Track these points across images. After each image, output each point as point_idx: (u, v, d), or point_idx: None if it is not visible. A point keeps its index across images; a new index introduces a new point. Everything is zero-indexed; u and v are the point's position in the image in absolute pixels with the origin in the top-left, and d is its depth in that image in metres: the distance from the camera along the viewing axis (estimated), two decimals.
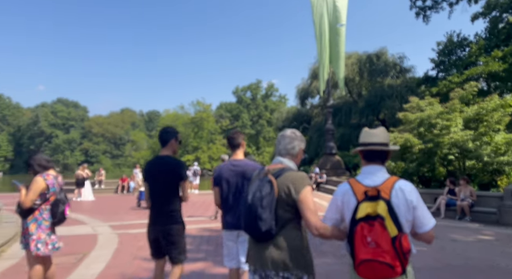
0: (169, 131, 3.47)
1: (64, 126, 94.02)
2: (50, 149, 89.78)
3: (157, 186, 3.32)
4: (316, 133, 29.17)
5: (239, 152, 3.46)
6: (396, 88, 26.53)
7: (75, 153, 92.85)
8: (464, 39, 22.48)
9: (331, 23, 23.57)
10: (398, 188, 1.84)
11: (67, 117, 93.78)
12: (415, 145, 12.94)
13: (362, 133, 2.16)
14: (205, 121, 54.19)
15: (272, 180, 2.02)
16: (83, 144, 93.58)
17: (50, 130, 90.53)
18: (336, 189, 2.08)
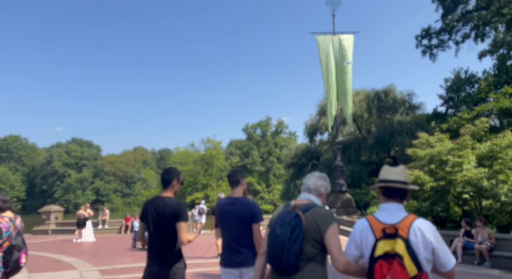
0: (171, 172, 3.49)
1: (77, 165, 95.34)
2: (62, 188, 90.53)
3: (155, 227, 3.27)
4: (325, 171, 28.51)
5: (238, 189, 3.51)
6: (405, 125, 26.24)
7: (87, 192, 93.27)
8: (472, 76, 22.41)
9: (337, 61, 24.02)
10: (417, 227, 1.87)
11: (80, 156, 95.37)
12: (426, 183, 12.39)
13: (382, 170, 2.24)
14: (214, 158, 54.21)
15: (300, 214, 2.07)
16: (95, 182, 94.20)
17: (63, 170, 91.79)
18: (354, 225, 2.13)
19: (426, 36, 28.70)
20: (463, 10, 26.80)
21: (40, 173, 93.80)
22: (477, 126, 14.00)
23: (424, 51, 28.84)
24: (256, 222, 3.35)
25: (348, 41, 24.72)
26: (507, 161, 12.15)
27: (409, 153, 14.00)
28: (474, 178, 11.64)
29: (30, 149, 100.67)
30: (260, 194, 55.57)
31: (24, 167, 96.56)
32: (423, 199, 13.04)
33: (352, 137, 30.14)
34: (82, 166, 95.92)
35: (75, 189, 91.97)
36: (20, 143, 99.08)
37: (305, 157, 32.12)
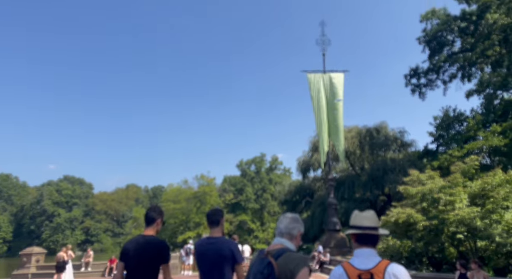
0: (156, 210, 3.50)
1: (68, 204, 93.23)
2: (51, 229, 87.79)
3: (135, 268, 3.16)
4: (319, 208, 28.17)
5: (218, 229, 3.48)
6: (398, 162, 26.27)
7: (76, 231, 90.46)
8: (460, 114, 22.83)
9: (328, 98, 24.48)
10: (391, 272, 1.94)
11: (71, 195, 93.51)
12: (419, 221, 12.08)
13: (353, 216, 2.34)
14: (208, 195, 53.28)
15: (272, 262, 2.07)
16: (85, 222, 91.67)
17: (52, 209, 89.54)
18: (331, 273, 2.17)
19: (414, 75, 29.55)
20: (449, 51, 27.89)
21: (28, 212, 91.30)
22: (468, 164, 13.95)
23: (413, 89, 29.55)
24: (238, 262, 3.28)
25: (339, 79, 25.37)
26: (499, 200, 11.95)
27: (400, 190, 13.80)
28: (467, 217, 11.38)
29: (21, 187, 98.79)
30: (254, 233, 54.09)
31: (13, 207, 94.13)
32: (417, 238, 12.65)
33: (345, 174, 29.99)
34: (73, 205, 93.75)
35: (64, 229, 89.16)
36: (10, 181, 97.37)
37: (298, 194, 31.71)
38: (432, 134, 23.43)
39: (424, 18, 28.73)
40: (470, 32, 26.49)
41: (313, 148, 30.37)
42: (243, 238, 54.55)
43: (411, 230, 12.56)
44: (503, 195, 11.99)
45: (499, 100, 21.34)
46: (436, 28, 27.61)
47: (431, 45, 28.28)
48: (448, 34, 27.69)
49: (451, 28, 27.02)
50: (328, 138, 23.98)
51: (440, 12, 27.95)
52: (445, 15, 27.53)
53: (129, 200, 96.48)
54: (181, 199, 55.06)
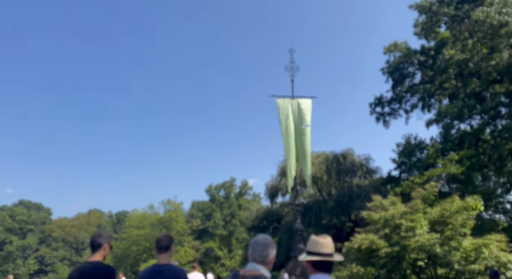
0: (102, 236, 3.47)
1: (22, 231, 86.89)
2: (1, 257, 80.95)
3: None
4: (286, 234, 27.78)
5: (166, 255, 3.40)
6: (364, 188, 26.66)
7: (29, 261, 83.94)
8: (421, 142, 23.74)
9: (296, 123, 24.76)
10: None
11: (26, 220, 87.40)
12: (381, 248, 12.04)
13: (311, 241, 2.36)
14: (174, 221, 51.32)
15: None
16: (40, 250, 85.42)
17: (4, 236, 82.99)
18: None
19: (379, 104, 30.70)
20: (410, 82, 29.36)
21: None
22: (428, 191, 14.28)
23: (377, 118, 30.60)
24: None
25: (307, 105, 25.81)
26: (457, 227, 12.20)
27: (364, 215, 13.83)
28: (427, 243, 11.48)
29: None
30: (221, 260, 52.31)
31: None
32: (379, 265, 12.56)
33: (313, 199, 30.01)
34: (28, 231, 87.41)
35: (15, 257, 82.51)
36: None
37: (266, 219, 31.24)
38: (395, 161, 24.13)
39: (388, 50, 30.27)
40: (429, 65, 28.13)
41: (282, 172, 30.32)
42: (209, 266, 52.60)
43: (374, 257, 12.48)
44: (460, 221, 12.26)
45: (456, 130, 22.44)
46: (398, 60, 29.12)
47: (394, 76, 29.69)
48: (409, 66, 29.25)
49: (412, 61, 28.60)
50: (295, 163, 24.04)
51: (402, 46, 29.59)
52: (406, 48, 29.16)
53: (90, 226, 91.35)
54: (146, 225, 52.70)
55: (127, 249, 54.53)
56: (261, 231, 31.98)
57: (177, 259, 48.87)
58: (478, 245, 11.75)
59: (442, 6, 24.16)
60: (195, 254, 51.62)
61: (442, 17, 25.35)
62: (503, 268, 11.59)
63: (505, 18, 16.66)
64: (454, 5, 23.89)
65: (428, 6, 24.32)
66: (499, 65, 18.44)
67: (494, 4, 17.67)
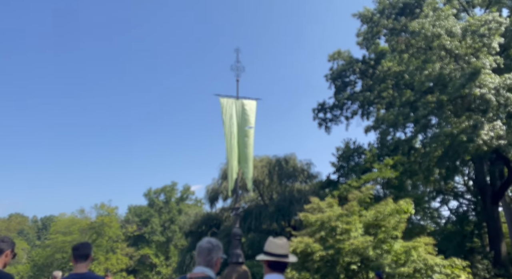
0: (4, 241, 3.36)
1: None
2: None
3: None
4: (225, 239, 26.75)
5: (85, 264, 3.39)
6: (304, 193, 26.69)
7: None
8: (359, 147, 24.30)
9: (239, 124, 24.07)
10: None
11: None
12: (315, 251, 11.59)
13: (268, 242, 2.61)
14: (107, 226, 47.76)
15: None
16: None
17: None
18: None
19: (321, 110, 31.19)
20: (351, 90, 30.22)
21: None
22: (364, 193, 14.25)
23: (320, 123, 31.03)
24: None
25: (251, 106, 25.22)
26: (390, 229, 12.18)
27: (300, 217, 13.34)
28: (361, 246, 11.24)
29: None
30: (157, 268, 49.58)
31: None
32: (314, 270, 12.09)
33: (254, 204, 29.45)
34: None
35: None
36: None
37: (205, 224, 29.98)
38: (334, 164, 24.44)
39: (332, 58, 30.95)
40: (369, 75, 29.21)
41: (223, 175, 29.36)
42: (144, 274, 49.65)
43: (308, 261, 11.99)
44: (393, 224, 12.26)
45: (391, 137, 23.31)
46: (341, 68, 29.87)
47: (337, 83, 30.38)
48: (351, 75, 30.14)
49: (354, 69, 29.49)
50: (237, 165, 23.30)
51: (345, 54, 30.44)
52: (349, 57, 30.03)
53: (10, 232, 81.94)
54: (74, 230, 48.48)
55: (50, 257, 49.67)
56: (199, 236, 30.56)
57: (107, 267, 45.37)
58: (408, 248, 11.82)
59: (382, 18, 25.16)
60: (129, 262, 48.40)
61: (381, 28, 26.45)
62: (429, 271, 11.73)
63: (438, 30, 17.52)
64: (393, 18, 24.98)
65: (369, 16, 25.19)
66: (431, 75, 19.38)
67: (429, 16, 18.56)
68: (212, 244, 2.55)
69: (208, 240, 2.61)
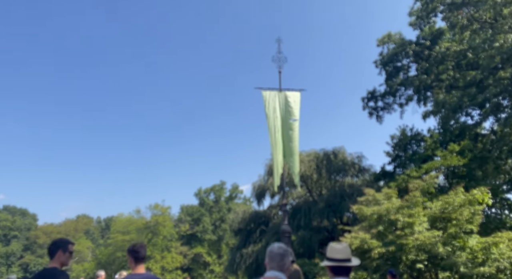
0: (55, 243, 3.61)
1: (6, 237, 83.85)
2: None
3: None
4: (274, 237, 25.88)
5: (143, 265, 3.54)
6: (356, 188, 24.95)
7: (13, 268, 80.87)
8: (417, 134, 22.05)
9: (283, 117, 23.11)
10: None
11: (11, 227, 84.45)
12: (373, 248, 10.14)
13: (328, 248, 2.76)
14: (161, 226, 49.12)
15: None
16: (25, 257, 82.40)
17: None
18: None
19: (372, 98, 29.07)
20: (404, 75, 27.79)
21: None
22: (427, 182, 12.45)
23: (370, 112, 28.95)
24: None
25: (295, 98, 24.11)
26: (462, 223, 10.36)
27: (354, 210, 11.93)
28: (427, 242, 9.61)
29: None
30: (210, 267, 50.00)
31: None
32: (372, 269, 10.64)
33: (302, 200, 28.18)
34: (12, 238, 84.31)
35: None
36: None
37: (253, 222, 29.28)
38: (389, 154, 22.35)
39: (381, 42, 28.73)
40: (424, 57, 26.57)
41: (269, 171, 28.46)
42: (198, 272, 50.31)
43: (365, 259, 10.57)
44: (466, 216, 10.43)
45: (454, 121, 20.81)
46: (392, 51, 27.55)
47: (387, 68, 28.12)
48: (404, 58, 27.67)
49: (407, 52, 27.01)
50: (282, 160, 22.33)
51: (396, 37, 28.05)
52: (400, 39, 27.61)
53: (78, 232, 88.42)
54: (131, 229, 50.52)
55: (111, 255, 52.20)
56: (248, 235, 29.97)
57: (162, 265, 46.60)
58: (487, 244, 9.93)
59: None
60: (183, 260, 49.34)
61: (438, 4, 23.86)
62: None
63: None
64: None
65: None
66: (503, 47, 16.78)
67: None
68: (284, 250, 2.61)
69: (279, 245, 2.64)
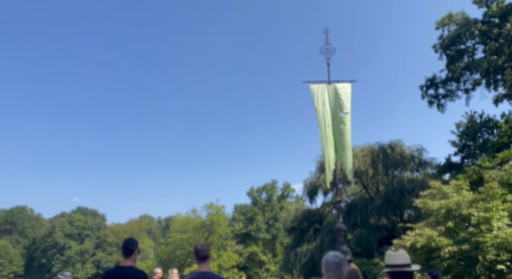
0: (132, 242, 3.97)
1: (80, 236, 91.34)
2: (61, 262, 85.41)
3: None
4: (328, 236, 24.85)
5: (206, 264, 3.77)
6: (417, 183, 23.09)
7: (87, 265, 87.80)
8: (489, 120, 19.63)
9: (333, 111, 22.04)
10: None
11: (83, 226, 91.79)
12: (443, 246, 8.92)
13: (386, 256, 2.90)
14: (216, 225, 49.99)
15: None
16: (96, 254, 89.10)
17: (64, 241, 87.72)
18: None
19: (431, 86, 26.79)
20: (469, 58, 25.17)
21: (40, 245, 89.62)
22: (506, 171, 10.79)
23: (430, 101, 26.70)
24: None
25: (345, 90, 22.89)
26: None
27: (417, 204, 10.71)
28: (510, 240, 8.21)
29: (35, 220, 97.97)
30: (266, 265, 49.82)
31: (26, 239, 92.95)
32: (442, 270, 9.40)
33: (357, 197, 26.71)
34: (85, 237, 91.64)
35: (74, 262, 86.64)
36: (25, 214, 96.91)
37: (306, 220, 28.39)
38: (455, 144, 20.14)
39: (440, 25, 26.30)
40: (493, 36, 23.79)
41: (321, 168, 27.37)
42: (254, 271, 50.39)
43: (433, 258, 9.37)
44: None
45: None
46: (454, 33, 25.08)
47: (449, 52, 25.68)
48: (468, 40, 25.04)
49: (472, 32, 24.40)
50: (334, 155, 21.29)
51: (458, 17, 25.48)
52: (463, 19, 25.02)
53: (141, 231, 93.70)
54: (189, 228, 52.04)
55: (171, 253, 54.23)
56: (301, 233, 29.15)
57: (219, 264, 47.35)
58: None
59: None
60: (238, 259, 49.74)
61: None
62: None
63: None
64: None
65: None
66: None
67: None
68: (340, 258, 2.66)
69: (334, 254, 2.71)
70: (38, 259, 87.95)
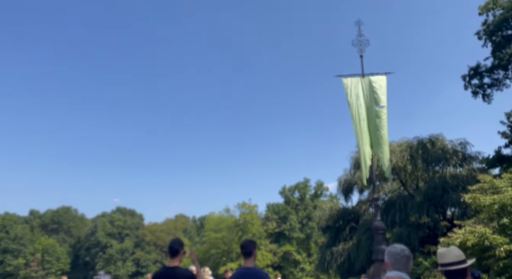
0: (178, 243, 4.05)
1: (120, 235, 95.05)
2: (104, 260, 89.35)
3: None
4: (365, 235, 24.01)
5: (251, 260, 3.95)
6: (461, 179, 21.73)
7: (127, 263, 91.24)
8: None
9: (368, 105, 21.13)
10: None
11: (123, 226, 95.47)
12: (497, 245, 8.15)
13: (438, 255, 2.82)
14: (249, 224, 50.04)
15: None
16: (136, 253, 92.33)
17: (105, 240, 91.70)
18: None
19: (475, 75, 25.20)
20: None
21: (84, 244, 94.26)
22: None
23: (475, 92, 25.13)
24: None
25: (380, 83, 21.86)
26: None
27: (466, 199, 9.90)
28: None
29: (79, 219, 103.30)
30: (301, 265, 49.22)
31: (72, 238, 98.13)
32: (497, 270, 8.59)
33: (396, 194, 25.55)
34: (125, 236, 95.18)
35: (116, 260, 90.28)
36: (70, 214, 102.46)
37: (341, 219, 27.60)
38: (505, 135, 18.66)
39: (484, 9, 24.66)
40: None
41: (355, 164, 26.46)
42: (289, 270, 49.93)
43: (486, 258, 8.58)
44: None
45: None
46: (500, 18, 23.43)
47: (494, 38, 24.07)
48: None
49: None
50: (370, 151, 20.41)
51: (504, 0, 23.77)
52: (510, 2, 23.28)
53: (177, 230, 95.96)
54: (223, 227, 52.49)
55: (207, 252, 54.94)
56: (337, 232, 28.38)
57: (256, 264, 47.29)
58: None
59: None
60: (273, 258, 49.51)
61: None
62: None
63: None
64: None
65: None
66: None
67: None
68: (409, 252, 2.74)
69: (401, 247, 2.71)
70: (82, 257, 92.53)
